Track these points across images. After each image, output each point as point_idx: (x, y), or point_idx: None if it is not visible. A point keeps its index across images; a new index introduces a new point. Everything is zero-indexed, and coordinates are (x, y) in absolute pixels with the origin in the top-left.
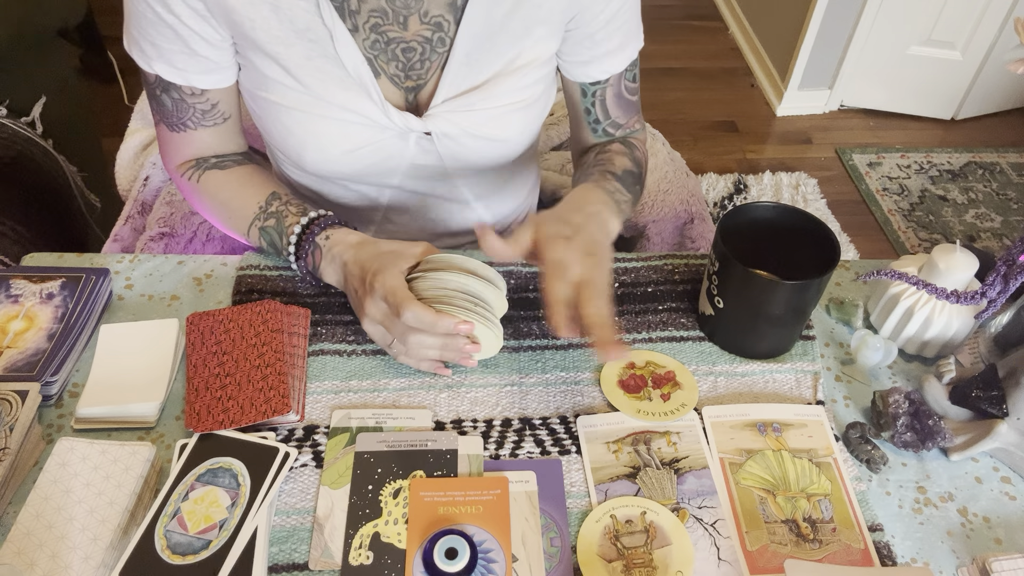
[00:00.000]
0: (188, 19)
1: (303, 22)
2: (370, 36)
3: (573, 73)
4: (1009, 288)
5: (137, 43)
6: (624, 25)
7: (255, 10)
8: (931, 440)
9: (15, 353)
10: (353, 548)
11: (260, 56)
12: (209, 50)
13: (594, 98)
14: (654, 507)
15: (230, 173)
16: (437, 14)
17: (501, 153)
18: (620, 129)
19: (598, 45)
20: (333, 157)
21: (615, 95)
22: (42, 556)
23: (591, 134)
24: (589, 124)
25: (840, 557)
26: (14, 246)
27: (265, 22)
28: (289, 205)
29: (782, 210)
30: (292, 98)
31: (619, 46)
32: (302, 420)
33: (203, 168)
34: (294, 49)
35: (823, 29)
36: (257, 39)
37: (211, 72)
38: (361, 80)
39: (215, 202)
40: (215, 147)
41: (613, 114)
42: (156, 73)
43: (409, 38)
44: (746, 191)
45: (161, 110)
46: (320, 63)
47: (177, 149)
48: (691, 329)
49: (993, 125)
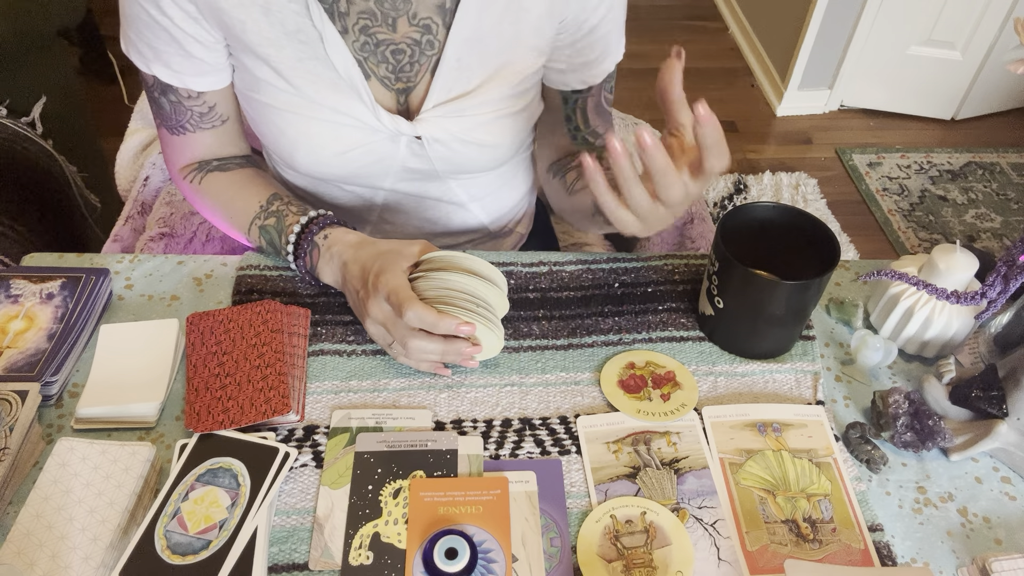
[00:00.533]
0: (181, 21)
1: (293, 24)
2: (360, 38)
3: (554, 81)
4: (1009, 288)
5: (135, 45)
6: (606, 36)
7: (245, 12)
8: (931, 440)
9: (15, 353)
10: (353, 548)
11: (251, 58)
12: (203, 52)
13: (575, 106)
14: (654, 507)
15: (233, 174)
16: (426, 16)
17: (492, 158)
18: (600, 139)
19: (578, 54)
20: (324, 159)
21: (595, 105)
22: (42, 556)
23: (570, 140)
24: (569, 130)
25: (840, 557)
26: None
27: (256, 24)
28: (290, 205)
29: (782, 210)
30: (283, 100)
31: (598, 57)
32: (302, 420)
33: (205, 171)
34: (285, 51)
35: (823, 29)
36: (248, 41)
37: (206, 74)
38: (352, 82)
39: (217, 202)
40: (215, 150)
41: (593, 123)
42: (154, 75)
43: (398, 40)
44: (746, 191)
45: (160, 113)
46: (311, 65)
47: (178, 152)
48: (691, 329)
49: (993, 125)
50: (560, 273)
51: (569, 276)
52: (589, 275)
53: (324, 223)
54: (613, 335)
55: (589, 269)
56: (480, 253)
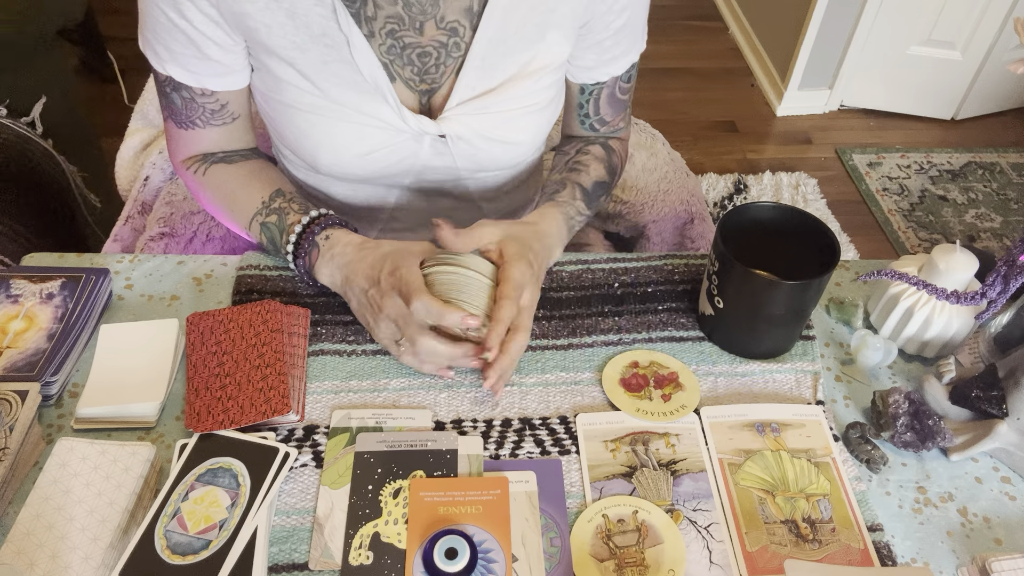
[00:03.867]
0: (201, 24)
1: (319, 28)
2: (386, 42)
3: (577, 76)
4: (1009, 288)
5: (151, 45)
6: (632, 33)
7: (271, 16)
8: (931, 440)
9: (15, 353)
10: (353, 548)
11: (275, 60)
12: (222, 54)
13: (590, 96)
14: (646, 506)
15: (238, 167)
16: (453, 19)
17: (514, 155)
18: (606, 126)
19: (606, 52)
20: (348, 160)
21: (609, 95)
22: (42, 556)
23: (579, 125)
24: (579, 117)
25: (840, 557)
26: (14, 246)
27: (281, 28)
28: (292, 203)
29: (782, 210)
30: (307, 101)
31: (624, 52)
32: (302, 420)
33: (210, 162)
34: (310, 54)
35: (823, 29)
36: (272, 44)
37: (223, 75)
38: (377, 85)
39: (219, 194)
40: (222, 144)
41: (603, 112)
42: (169, 75)
43: (425, 43)
44: (746, 191)
45: (170, 107)
46: (336, 68)
47: (184, 145)
48: (691, 329)
49: (993, 125)
50: (560, 273)
51: (569, 276)
52: (589, 275)
53: (326, 223)
54: (613, 335)
55: (589, 269)
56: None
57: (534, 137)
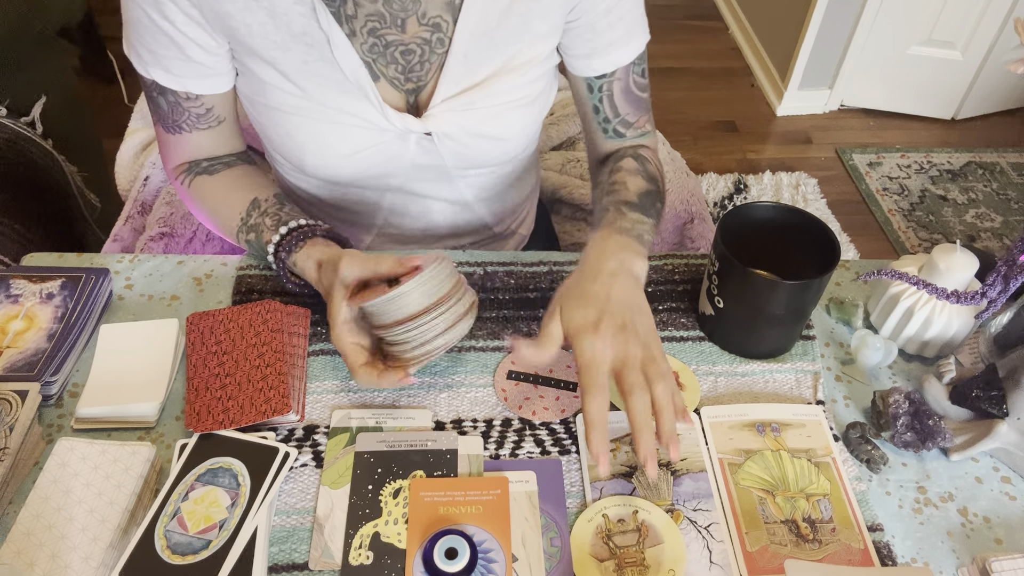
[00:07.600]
0: (183, 26)
1: (299, 26)
2: (368, 40)
3: (577, 67)
4: (1009, 288)
5: (134, 48)
6: (627, 15)
7: (251, 15)
8: (931, 440)
9: (15, 353)
10: (353, 548)
11: (257, 62)
12: (205, 56)
13: (601, 94)
14: (646, 506)
15: (217, 179)
16: (435, 15)
17: (503, 151)
18: (631, 128)
19: (599, 36)
20: (333, 161)
21: (623, 90)
22: (42, 556)
23: (603, 136)
24: (599, 125)
25: (840, 557)
26: (14, 246)
27: (261, 28)
28: (265, 216)
29: (782, 210)
30: (291, 103)
31: (623, 37)
32: (302, 420)
33: (194, 173)
34: (291, 54)
35: (823, 29)
36: (254, 45)
37: (207, 78)
38: (359, 84)
39: (205, 208)
40: (210, 149)
41: (622, 110)
42: (152, 78)
43: (408, 40)
44: (746, 191)
45: (157, 112)
46: (318, 67)
47: (173, 150)
48: (691, 329)
49: (993, 125)
50: (560, 273)
51: None
52: None
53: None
54: None
55: None
56: (482, 254)
57: (523, 132)
